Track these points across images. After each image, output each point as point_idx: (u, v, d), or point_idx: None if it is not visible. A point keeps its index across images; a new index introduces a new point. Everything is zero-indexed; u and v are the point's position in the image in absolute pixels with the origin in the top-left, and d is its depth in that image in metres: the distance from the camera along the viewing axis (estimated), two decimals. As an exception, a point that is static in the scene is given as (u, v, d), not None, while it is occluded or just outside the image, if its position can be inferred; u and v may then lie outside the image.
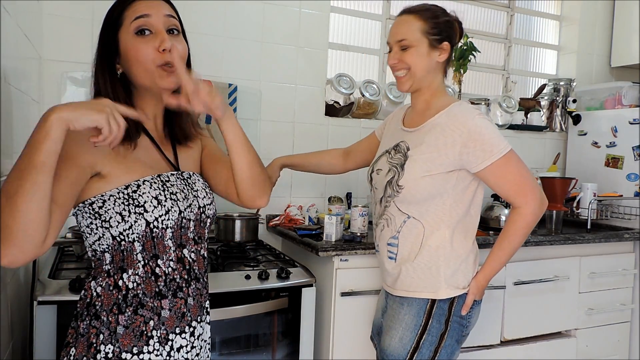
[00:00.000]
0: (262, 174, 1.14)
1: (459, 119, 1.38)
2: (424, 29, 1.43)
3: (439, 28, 1.44)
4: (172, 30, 1.02)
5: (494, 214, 2.47)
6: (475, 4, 3.04)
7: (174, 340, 1.00)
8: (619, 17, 3.17)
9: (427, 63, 1.44)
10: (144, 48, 0.98)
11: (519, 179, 1.38)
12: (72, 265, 1.69)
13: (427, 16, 1.44)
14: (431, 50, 1.44)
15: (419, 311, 1.43)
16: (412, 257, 1.44)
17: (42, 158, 0.78)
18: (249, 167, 1.10)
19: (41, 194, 0.79)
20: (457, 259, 1.43)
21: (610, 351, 2.44)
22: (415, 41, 1.43)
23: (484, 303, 2.05)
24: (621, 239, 2.38)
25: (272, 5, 2.37)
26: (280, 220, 2.23)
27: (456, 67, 2.77)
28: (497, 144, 1.35)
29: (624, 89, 2.83)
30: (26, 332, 1.47)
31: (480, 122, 1.36)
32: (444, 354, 1.43)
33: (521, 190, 1.38)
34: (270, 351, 1.72)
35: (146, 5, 1.00)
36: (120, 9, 1.00)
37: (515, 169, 1.37)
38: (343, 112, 2.54)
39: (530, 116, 3.02)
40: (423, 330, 1.42)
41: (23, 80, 1.51)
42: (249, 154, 1.10)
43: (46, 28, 1.94)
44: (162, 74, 0.99)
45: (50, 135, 0.78)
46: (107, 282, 0.98)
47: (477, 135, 1.35)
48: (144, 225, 0.97)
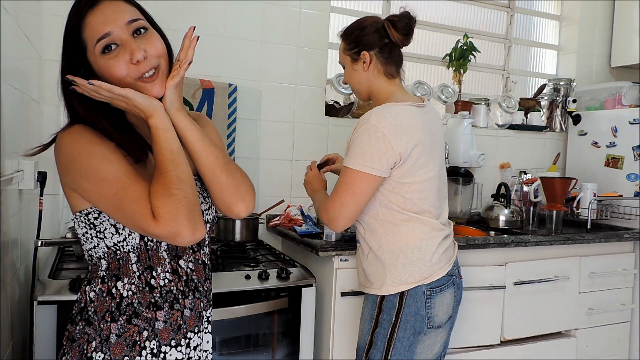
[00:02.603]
0: (230, 180, 1.01)
1: (359, 121, 1.47)
2: (344, 48, 1.59)
3: (353, 42, 1.56)
4: (138, 30, 0.93)
5: (494, 214, 2.48)
6: (475, 4, 3.04)
7: (167, 352, 0.98)
8: (619, 17, 3.17)
9: (356, 76, 1.58)
10: (116, 65, 0.90)
11: (337, 189, 1.47)
12: (72, 265, 1.69)
13: (345, 35, 1.59)
14: (354, 64, 1.57)
15: (372, 305, 1.52)
16: (365, 256, 1.55)
17: (174, 146, 0.93)
18: (210, 173, 0.99)
19: (190, 170, 0.94)
20: (396, 256, 1.48)
21: (610, 351, 2.44)
22: (343, 61, 1.61)
23: (484, 303, 2.07)
24: (621, 239, 2.38)
25: (272, 5, 2.37)
26: (280, 220, 2.23)
27: (456, 67, 2.77)
28: (354, 155, 1.43)
29: (624, 89, 2.83)
30: (26, 332, 1.46)
31: (362, 131, 1.43)
32: (399, 346, 1.46)
33: (331, 197, 1.49)
34: (270, 351, 1.72)
35: (103, 22, 0.90)
36: (75, 31, 0.92)
37: (343, 183, 1.45)
38: (343, 112, 2.54)
39: (530, 116, 3.02)
40: (375, 323, 1.50)
41: (23, 80, 1.51)
42: (205, 160, 0.98)
43: (46, 28, 1.94)
44: (144, 86, 0.93)
45: (163, 128, 0.92)
46: (101, 289, 0.96)
47: (354, 139, 1.46)
48: (138, 238, 0.96)
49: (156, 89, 0.94)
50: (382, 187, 1.47)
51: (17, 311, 1.43)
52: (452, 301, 1.53)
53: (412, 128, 1.44)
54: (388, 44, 1.53)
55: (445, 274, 1.50)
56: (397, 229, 1.48)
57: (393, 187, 1.47)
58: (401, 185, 1.46)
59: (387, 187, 1.47)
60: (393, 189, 1.47)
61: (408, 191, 1.47)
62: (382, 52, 1.53)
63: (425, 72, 2.96)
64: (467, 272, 1.65)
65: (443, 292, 1.50)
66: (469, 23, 3.04)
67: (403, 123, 1.43)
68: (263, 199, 2.28)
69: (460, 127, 2.57)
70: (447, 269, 1.51)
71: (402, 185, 1.46)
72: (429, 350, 1.51)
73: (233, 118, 2.27)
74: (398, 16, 1.52)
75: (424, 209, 1.49)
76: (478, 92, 3.09)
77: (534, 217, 2.45)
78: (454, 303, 1.55)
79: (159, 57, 0.94)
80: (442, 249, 1.52)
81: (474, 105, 2.83)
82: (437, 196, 1.53)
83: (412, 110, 1.47)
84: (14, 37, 1.34)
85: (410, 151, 1.43)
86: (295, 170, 2.42)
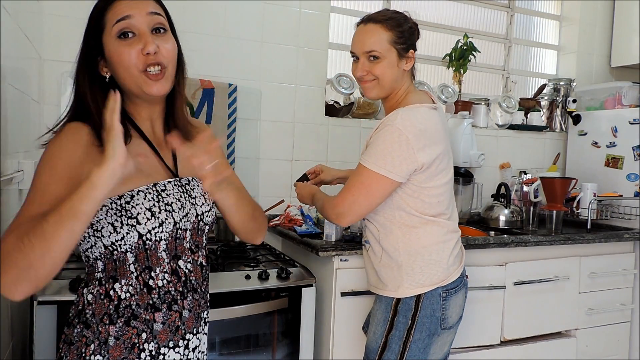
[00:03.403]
0: (256, 222, 1.16)
1: (383, 122, 1.43)
2: (391, 39, 1.45)
3: (405, 37, 1.47)
4: (158, 29, 0.96)
5: (494, 214, 2.47)
6: (475, 4, 3.04)
7: (166, 354, 0.97)
8: (619, 17, 3.17)
9: (395, 73, 1.48)
10: (127, 52, 0.93)
11: (351, 186, 1.44)
12: (72, 265, 1.68)
13: (392, 25, 1.46)
14: (399, 60, 1.48)
15: (387, 307, 1.50)
16: (377, 257, 1.53)
17: (85, 207, 0.79)
18: (242, 224, 1.12)
19: (72, 241, 0.80)
20: (414, 258, 1.46)
21: (610, 351, 2.44)
22: (385, 52, 1.45)
23: (484, 303, 2.07)
24: (621, 239, 2.38)
25: (272, 5, 2.37)
26: (280, 221, 2.23)
27: (456, 67, 2.77)
28: (375, 156, 1.40)
29: (624, 89, 2.83)
30: (26, 332, 1.46)
31: (386, 133, 1.40)
32: (414, 348, 1.45)
33: (342, 192, 1.47)
34: (270, 351, 1.72)
35: (127, 5, 0.94)
36: (101, 11, 0.96)
37: (357, 181, 1.43)
38: (343, 112, 2.54)
39: (530, 116, 3.02)
40: (390, 326, 1.48)
41: (23, 80, 1.51)
42: (242, 215, 1.11)
43: (46, 28, 1.94)
44: (147, 81, 0.94)
45: (99, 189, 0.80)
46: (98, 291, 0.96)
47: (375, 139, 1.42)
48: (137, 237, 0.94)
49: (157, 88, 0.95)
50: (402, 191, 1.45)
51: (17, 311, 1.43)
52: (463, 302, 1.54)
53: (436, 133, 1.43)
54: None
55: (459, 275, 1.51)
56: (415, 231, 1.46)
57: (413, 192, 1.45)
58: (421, 190, 1.44)
59: (407, 192, 1.45)
60: (413, 192, 1.45)
61: (428, 195, 1.45)
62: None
63: (425, 72, 2.95)
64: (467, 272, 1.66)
65: (457, 294, 1.50)
66: (469, 23, 3.04)
67: (428, 127, 1.41)
68: (263, 199, 2.28)
69: (460, 127, 2.57)
70: (461, 270, 1.52)
71: (423, 189, 1.44)
72: (440, 350, 1.51)
73: (233, 118, 2.27)
74: (416, 24, 1.53)
75: (440, 212, 1.48)
76: (478, 92, 3.09)
77: (534, 217, 2.45)
78: (464, 303, 1.55)
79: (169, 59, 0.97)
80: (456, 251, 1.52)
81: (474, 105, 2.83)
82: (450, 198, 1.53)
83: (433, 114, 1.46)
84: (14, 37, 1.34)
85: (432, 161, 1.42)
86: (295, 170, 2.42)
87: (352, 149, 2.53)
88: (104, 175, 0.81)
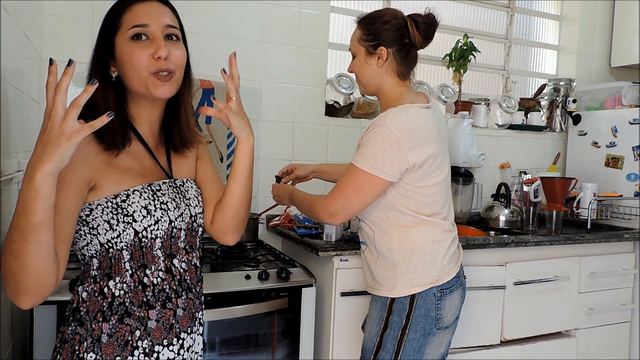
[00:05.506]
0: (246, 212, 1.13)
1: (374, 122, 1.43)
2: (359, 37, 1.51)
3: (372, 34, 1.48)
4: (170, 36, 0.99)
5: (494, 214, 2.47)
6: (475, 4, 3.04)
7: (160, 352, 0.97)
8: (619, 17, 3.17)
9: (367, 70, 1.51)
10: (138, 53, 0.95)
11: (343, 186, 1.44)
12: (72, 265, 1.67)
13: (365, 23, 1.51)
14: (368, 57, 1.50)
15: (382, 306, 1.50)
16: (373, 257, 1.53)
17: (40, 217, 0.78)
18: (239, 199, 1.09)
19: (45, 249, 0.80)
20: (408, 257, 1.46)
21: (610, 351, 2.44)
22: (355, 50, 1.53)
23: (484, 303, 2.07)
24: (621, 239, 2.38)
25: (272, 5, 2.37)
26: (280, 220, 2.23)
27: (456, 67, 2.77)
28: (366, 156, 1.40)
29: (624, 89, 2.83)
30: (26, 332, 1.46)
31: (377, 133, 1.40)
32: (409, 348, 1.45)
33: (334, 192, 1.46)
34: (270, 351, 1.72)
35: (146, 13, 0.96)
36: (119, 11, 0.98)
37: (349, 181, 1.43)
38: (343, 112, 2.54)
39: (530, 116, 3.02)
40: (385, 325, 1.48)
41: (23, 80, 1.51)
42: (244, 187, 1.09)
43: (46, 28, 1.94)
44: (156, 82, 0.96)
45: (41, 194, 0.76)
46: (93, 288, 0.96)
47: (366, 139, 1.43)
48: (133, 234, 0.95)
49: (163, 90, 0.97)
50: (396, 191, 1.45)
51: (17, 311, 1.43)
52: (459, 302, 1.54)
53: (428, 133, 1.43)
54: (407, 44, 1.49)
55: (455, 275, 1.51)
56: (409, 230, 1.46)
57: (407, 191, 1.45)
58: (415, 189, 1.44)
59: (401, 192, 1.45)
60: (406, 192, 1.45)
61: (421, 194, 1.45)
62: (400, 51, 1.49)
63: (425, 72, 2.96)
64: (467, 272, 1.66)
65: (452, 294, 1.50)
66: (469, 23, 3.04)
67: (419, 127, 1.41)
68: (263, 199, 2.28)
69: (460, 127, 2.57)
70: (456, 270, 1.52)
71: (416, 189, 1.44)
72: (436, 350, 1.51)
73: (233, 118, 2.27)
74: (423, 17, 1.48)
75: (435, 211, 1.48)
76: (478, 92, 3.09)
77: (534, 217, 2.45)
78: (460, 303, 1.55)
79: (178, 65, 0.99)
80: (452, 251, 1.52)
81: (474, 105, 2.83)
82: (446, 197, 1.53)
83: (425, 113, 1.45)
84: (14, 37, 1.34)
85: (424, 160, 1.42)
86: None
87: (352, 149, 2.49)
88: (43, 179, 0.76)
